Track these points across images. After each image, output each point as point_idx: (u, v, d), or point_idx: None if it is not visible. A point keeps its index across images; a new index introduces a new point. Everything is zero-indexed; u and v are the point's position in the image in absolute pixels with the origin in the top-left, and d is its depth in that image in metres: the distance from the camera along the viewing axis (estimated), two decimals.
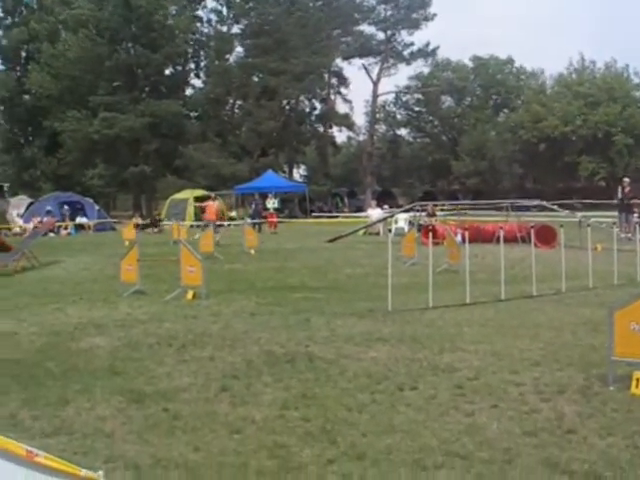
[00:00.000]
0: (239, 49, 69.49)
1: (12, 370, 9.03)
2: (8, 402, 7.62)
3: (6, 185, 69.01)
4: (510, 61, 73.96)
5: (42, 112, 65.81)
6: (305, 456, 5.95)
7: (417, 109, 77.11)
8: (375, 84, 70.38)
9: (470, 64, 74.24)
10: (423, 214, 32.14)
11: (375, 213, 38.02)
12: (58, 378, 8.58)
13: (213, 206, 31.98)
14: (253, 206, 42.92)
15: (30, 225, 38.00)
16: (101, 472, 3.13)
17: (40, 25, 66.37)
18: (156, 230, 24.43)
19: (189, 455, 6.04)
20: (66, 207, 44.03)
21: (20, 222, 41.94)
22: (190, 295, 14.67)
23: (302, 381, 8.15)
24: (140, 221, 41.42)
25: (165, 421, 6.90)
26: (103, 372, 8.79)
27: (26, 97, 69.99)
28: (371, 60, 70.39)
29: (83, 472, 3.12)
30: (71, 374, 8.76)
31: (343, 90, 72.44)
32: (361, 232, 33.15)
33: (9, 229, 38.37)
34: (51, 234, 37.40)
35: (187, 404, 7.40)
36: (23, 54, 71.88)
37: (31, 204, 48.06)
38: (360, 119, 79.34)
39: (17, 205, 49.82)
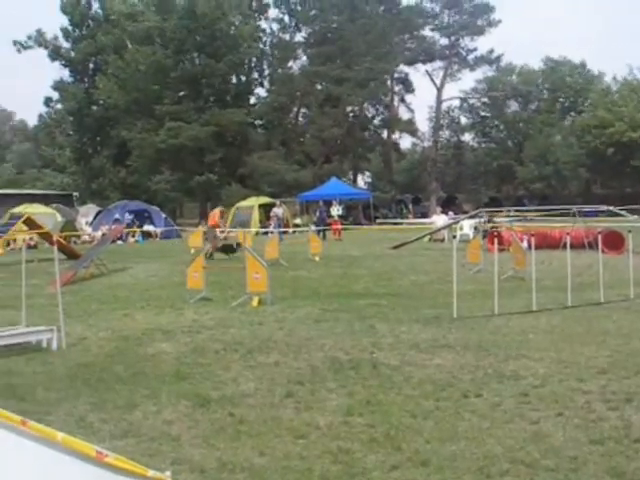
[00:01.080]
0: (302, 57, 69.86)
1: (82, 374, 9.24)
2: (78, 405, 7.81)
3: (75, 194, 70.43)
4: (582, 65, 73.09)
5: (110, 122, 67.08)
6: (369, 462, 5.98)
7: (482, 114, 76.49)
8: (439, 90, 70.04)
9: (538, 67, 73.60)
10: (482, 220, 31.83)
11: (440, 219, 37.81)
12: (126, 382, 8.75)
13: (216, 214, 30.51)
14: (317, 213, 43.03)
15: (98, 233, 38.69)
16: (168, 472, 3.21)
17: (107, 37, 67.63)
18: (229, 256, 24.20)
19: (254, 459, 6.12)
20: (128, 216, 44.71)
21: (89, 230, 42.72)
22: (255, 302, 14.80)
23: (366, 387, 8.18)
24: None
25: (231, 425, 6.99)
26: (170, 377, 8.94)
27: (94, 108, 71.34)
28: (435, 66, 70.13)
29: (151, 473, 3.20)
30: (139, 378, 8.92)
31: (407, 96, 72.31)
32: (426, 239, 32.98)
33: (78, 237, 39.09)
34: (119, 242, 38.02)
35: (252, 409, 7.49)
36: (91, 66, 73.29)
37: (99, 212, 48.94)
38: (423, 125, 79.05)
39: (86, 214, 50.78)
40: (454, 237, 23.21)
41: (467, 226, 32.84)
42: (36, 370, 9.57)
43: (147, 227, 44.34)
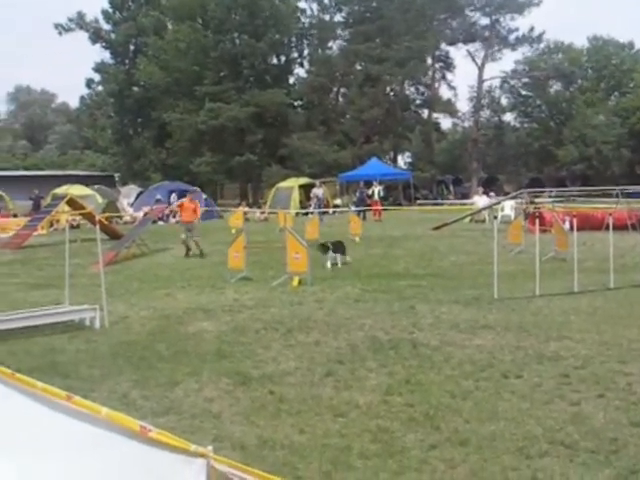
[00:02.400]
0: (342, 37, 69.43)
1: (124, 352, 9.38)
2: (121, 382, 7.94)
3: (117, 175, 71.05)
4: (630, 44, 71.86)
5: (151, 104, 67.32)
6: (408, 441, 6.01)
7: (524, 93, 75.54)
8: (480, 69, 69.30)
9: (583, 46, 72.42)
10: (522, 201, 31.58)
11: (481, 200, 37.53)
12: (168, 360, 8.87)
13: (190, 206, 23.74)
14: (358, 194, 42.89)
15: (140, 214, 38.97)
16: (210, 447, 3.25)
17: (147, 19, 67.88)
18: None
19: (294, 437, 6.18)
20: (174, 196, 44.99)
21: (130, 211, 43.06)
22: (296, 281, 14.87)
23: (406, 367, 8.20)
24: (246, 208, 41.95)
25: (271, 403, 7.06)
26: (211, 355, 9.04)
27: (135, 89, 71.71)
28: (476, 46, 69.34)
29: (193, 447, 3.24)
30: (180, 357, 9.03)
31: (447, 76, 71.65)
32: (467, 220, 32.78)
33: (120, 218, 39.41)
34: (160, 222, 38.28)
35: (292, 387, 7.55)
36: (131, 48, 73.60)
37: (141, 193, 49.32)
38: (463, 105, 77.98)
39: (127, 194, 51.24)
40: (495, 218, 23.11)
41: (508, 207, 32.60)
42: (79, 348, 9.73)
43: None
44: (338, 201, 49.25)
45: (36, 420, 4.43)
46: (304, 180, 49.63)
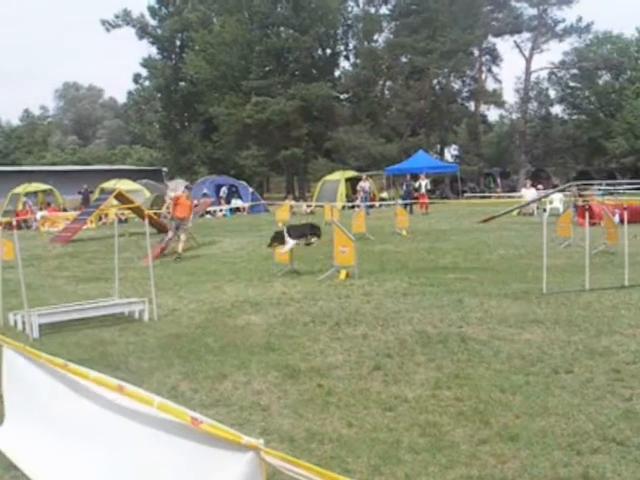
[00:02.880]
0: (387, 30, 69.19)
1: (173, 344, 9.47)
2: (170, 375, 8.02)
3: (164, 169, 71.66)
4: None
5: (197, 98, 67.78)
6: (457, 435, 5.98)
7: (572, 85, 74.55)
8: (527, 61, 68.56)
9: (632, 35, 71.16)
10: (569, 193, 31.22)
11: (529, 193, 37.15)
12: (216, 353, 8.92)
13: (186, 202, 21.37)
14: (404, 187, 42.74)
15: None
16: (262, 440, 3.27)
17: (193, 14, 68.31)
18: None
19: (343, 430, 6.17)
20: (224, 189, 45.27)
21: None
22: (343, 275, 14.87)
23: (455, 361, 8.15)
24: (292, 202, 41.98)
25: (319, 397, 7.06)
26: (259, 348, 9.08)
27: (182, 84, 72.29)
28: (523, 37, 68.59)
29: (245, 439, 3.26)
30: (229, 349, 9.09)
31: (494, 68, 71.04)
32: (514, 212, 32.54)
33: (168, 211, 39.71)
34: (207, 216, 38.54)
35: (341, 381, 7.55)
36: (178, 43, 74.22)
37: (188, 187, 49.68)
38: (510, 97, 77.27)
39: (175, 188, 51.59)
40: (544, 211, 22.87)
41: (557, 200, 32.24)
42: (129, 340, 9.84)
43: (235, 201, 44.81)
44: (384, 194, 49.19)
45: (89, 412, 4.50)
46: (351, 173, 49.62)
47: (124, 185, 40.50)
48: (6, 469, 5.66)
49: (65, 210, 41.93)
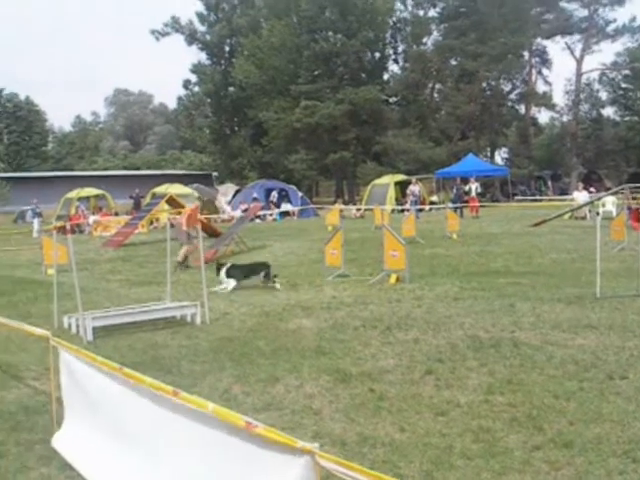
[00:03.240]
0: (436, 33, 68.96)
1: (225, 348, 9.54)
2: (222, 378, 8.08)
3: (214, 174, 72.25)
4: None
5: (246, 103, 68.21)
6: (510, 441, 5.93)
7: (624, 86, 73.46)
8: (578, 62, 67.75)
9: None
10: (622, 196, 30.77)
11: (581, 196, 36.70)
12: (268, 356, 8.97)
13: (191, 213, 20.39)
14: (454, 190, 42.55)
15: (237, 212, 39.52)
16: (317, 444, 3.28)
17: (242, 19, 68.77)
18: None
19: (395, 435, 6.16)
20: (274, 194, 45.48)
21: (228, 209, 43.69)
22: (393, 279, 14.84)
23: (507, 367, 8.09)
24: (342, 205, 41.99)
25: (371, 401, 7.06)
26: (310, 352, 9.10)
27: (231, 89, 72.84)
28: (574, 38, 67.76)
29: (300, 444, 3.28)
30: (280, 353, 9.13)
31: (544, 70, 70.32)
32: (566, 216, 32.17)
33: (218, 216, 40.03)
34: (257, 220, 38.75)
35: (392, 385, 7.54)
36: (227, 48, 74.78)
37: (238, 191, 50.07)
38: (559, 99, 76.34)
39: (224, 193, 52.04)
40: (597, 214, 22.57)
41: (610, 202, 31.81)
42: (181, 344, 9.93)
43: (284, 205, 44.99)
44: (434, 198, 48.96)
45: (146, 415, 4.56)
46: (400, 177, 49.48)
47: (175, 189, 40.90)
48: (61, 469, 5.76)
49: (117, 214, 42.53)
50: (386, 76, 70.24)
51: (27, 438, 6.49)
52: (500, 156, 78.63)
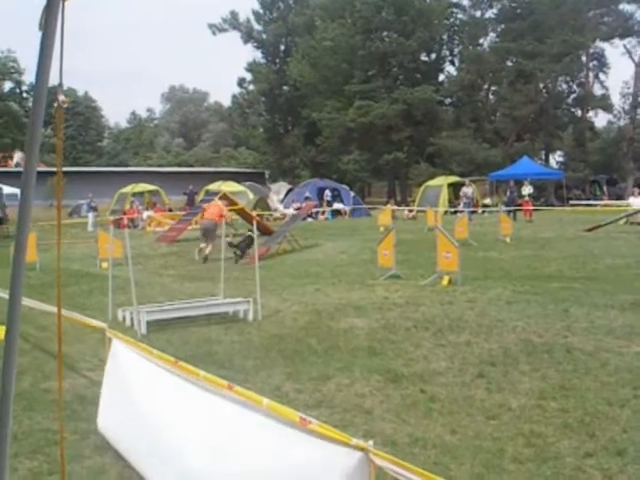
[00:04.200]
0: (492, 34, 68.40)
1: (277, 345, 9.63)
2: (274, 374, 8.16)
3: (267, 172, 72.57)
4: None
5: (300, 102, 68.41)
6: (562, 447, 5.90)
7: None
8: (637, 65, 66.66)
9: None
10: None
11: (637, 201, 36.13)
12: (320, 355, 9.03)
13: (216, 207, 22.30)
14: (508, 193, 42.18)
15: (290, 210, 39.65)
16: (371, 442, 3.31)
17: (298, 18, 68.96)
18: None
19: (446, 437, 6.17)
20: (328, 192, 45.57)
21: (280, 207, 43.86)
22: (446, 281, 14.80)
23: (560, 372, 8.03)
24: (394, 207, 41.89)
25: (422, 402, 7.07)
26: (362, 352, 9.14)
27: (285, 88, 73.09)
28: (633, 41, 66.70)
29: (354, 441, 3.32)
30: (332, 352, 9.18)
31: (601, 73, 69.35)
32: (622, 221, 31.70)
33: (270, 214, 40.22)
34: (309, 219, 38.82)
35: (444, 387, 7.54)
36: (282, 47, 75.06)
37: (290, 190, 50.24)
38: (615, 102, 74.92)
39: (277, 191, 52.26)
40: None
41: None
42: (234, 339, 10.05)
43: (337, 205, 45.03)
44: (488, 200, 48.55)
45: (201, 405, 4.63)
46: (453, 179, 49.16)
47: (228, 187, 41.18)
48: (116, 458, 5.88)
49: (170, 210, 42.97)
50: (441, 77, 69.97)
51: (83, 427, 6.62)
52: (555, 159, 77.76)
